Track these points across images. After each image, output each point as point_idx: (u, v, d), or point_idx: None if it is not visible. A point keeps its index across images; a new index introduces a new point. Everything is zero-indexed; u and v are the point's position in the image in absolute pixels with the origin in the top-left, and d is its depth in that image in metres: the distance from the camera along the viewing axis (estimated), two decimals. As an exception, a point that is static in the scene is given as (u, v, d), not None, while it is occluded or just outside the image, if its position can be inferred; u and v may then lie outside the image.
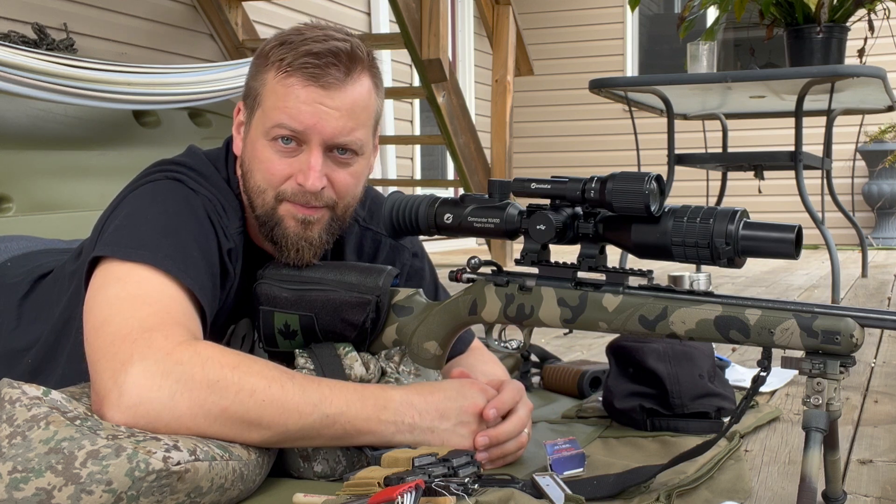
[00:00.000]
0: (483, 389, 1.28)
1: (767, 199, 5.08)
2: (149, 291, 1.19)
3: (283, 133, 1.29)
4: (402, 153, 6.65)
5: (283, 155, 1.31)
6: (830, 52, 3.74)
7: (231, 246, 1.33)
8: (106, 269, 1.22)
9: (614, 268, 1.20)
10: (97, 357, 1.13)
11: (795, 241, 1.07)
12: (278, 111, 1.29)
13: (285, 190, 1.31)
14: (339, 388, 1.19)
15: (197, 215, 1.30)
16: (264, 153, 1.32)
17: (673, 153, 3.65)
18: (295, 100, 1.28)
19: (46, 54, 2.98)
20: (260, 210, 1.34)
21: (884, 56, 4.67)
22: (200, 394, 1.10)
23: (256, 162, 1.33)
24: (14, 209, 2.89)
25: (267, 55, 1.32)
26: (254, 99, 1.34)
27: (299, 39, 1.31)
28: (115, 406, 1.09)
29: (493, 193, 1.25)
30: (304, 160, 1.31)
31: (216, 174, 1.38)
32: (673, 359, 1.50)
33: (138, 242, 1.23)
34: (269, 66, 1.31)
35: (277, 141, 1.30)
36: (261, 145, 1.32)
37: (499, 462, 1.27)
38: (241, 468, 1.10)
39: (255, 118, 1.33)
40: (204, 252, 1.27)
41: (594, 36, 8.07)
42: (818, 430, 1.04)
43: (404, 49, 4.23)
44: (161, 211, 1.28)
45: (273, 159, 1.31)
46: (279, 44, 1.32)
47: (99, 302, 1.19)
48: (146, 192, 1.32)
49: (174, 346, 1.13)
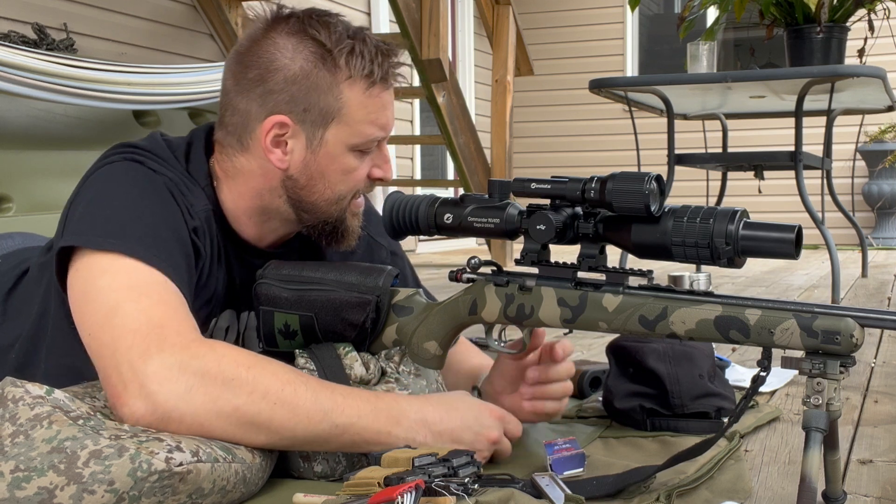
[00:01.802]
0: (501, 417, 1.27)
1: (767, 199, 5.08)
2: (140, 281, 1.17)
3: (376, 143, 1.33)
4: (402, 153, 6.65)
5: (363, 158, 1.33)
6: (830, 52, 3.74)
7: (196, 224, 1.29)
8: (86, 261, 1.20)
9: (614, 268, 1.20)
10: (109, 351, 1.12)
11: (795, 241, 1.07)
12: (371, 125, 1.31)
13: (360, 186, 1.35)
14: (352, 398, 1.17)
15: (160, 195, 1.27)
16: (350, 164, 1.32)
17: (673, 153, 3.65)
18: (382, 109, 1.31)
19: (46, 54, 2.98)
20: (333, 216, 1.35)
21: (884, 56, 4.67)
22: (215, 390, 1.10)
23: (339, 174, 1.32)
24: (14, 209, 2.89)
25: (336, 66, 1.28)
26: (323, 115, 1.29)
27: (362, 45, 1.30)
28: (137, 395, 1.08)
29: (493, 193, 1.25)
30: (379, 156, 1.35)
31: (174, 160, 1.33)
32: (673, 359, 1.50)
33: (109, 230, 1.20)
34: (350, 80, 1.28)
35: (364, 150, 1.32)
36: (346, 158, 1.32)
37: None
38: (243, 471, 1.10)
39: (330, 133, 1.30)
40: (174, 232, 1.25)
41: (594, 36, 8.07)
42: (818, 430, 1.04)
43: (404, 49, 4.23)
44: (125, 193, 1.25)
45: (358, 167, 1.33)
46: (349, 53, 1.28)
47: (92, 296, 1.17)
48: (106, 175, 1.28)
49: (189, 342, 1.13)
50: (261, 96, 1.30)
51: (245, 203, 1.36)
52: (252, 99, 1.31)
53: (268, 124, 1.30)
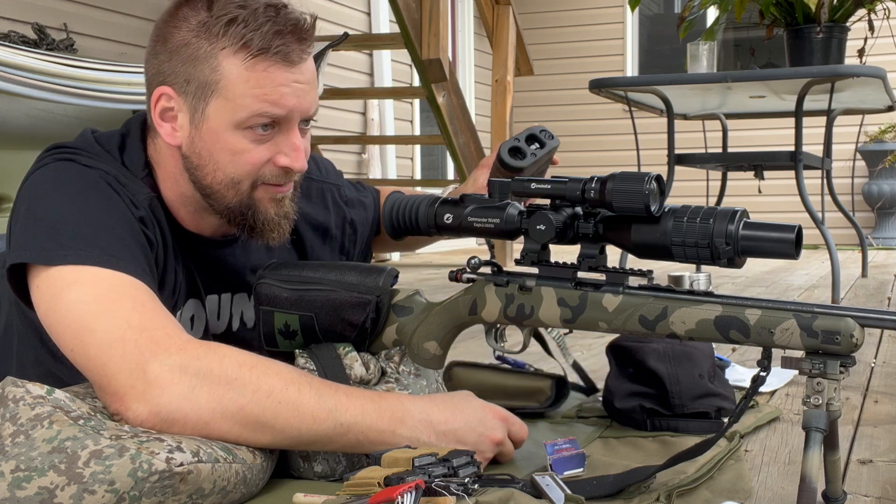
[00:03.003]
0: (505, 419, 1.27)
1: (767, 199, 5.08)
2: (108, 288, 1.14)
3: (265, 121, 1.22)
4: (402, 153, 6.65)
5: (260, 142, 1.23)
6: (830, 52, 3.74)
7: (143, 213, 1.24)
8: (44, 278, 1.15)
9: (614, 268, 1.20)
10: (100, 363, 1.10)
11: (795, 241, 1.07)
12: (255, 100, 1.20)
13: (264, 174, 1.25)
14: (356, 397, 1.17)
15: (100, 190, 1.22)
16: (237, 144, 1.23)
17: (673, 153, 3.65)
18: (272, 85, 1.20)
19: (46, 54, 2.98)
20: (233, 201, 1.26)
21: (884, 56, 4.67)
22: (219, 389, 1.09)
23: (227, 154, 1.24)
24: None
25: (214, 36, 1.20)
26: (202, 87, 1.22)
27: (250, 16, 1.20)
28: (139, 399, 1.07)
29: (493, 193, 1.25)
30: (283, 142, 1.24)
31: (106, 154, 1.28)
32: (673, 359, 1.50)
33: (60, 241, 1.16)
34: (225, 51, 1.20)
35: (254, 129, 1.22)
36: (231, 136, 1.23)
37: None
38: (244, 471, 1.10)
39: (211, 108, 1.22)
40: (124, 226, 1.21)
41: (594, 36, 8.07)
42: (818, 430, 1.04)
43: (404, 49, 4.23)
44: (64, 195, 1.20)
45: (249, 149, 1.23)
46: (228, 22, 1.20)
47: (63, 314, 1.13)
48: (40, 180, 1.23)
49: (185, 343, 1.12)
50: (154, 67, 1.26)
51: (173, 192, 1.31)
52: (148, 70, 1.27)
53: (155, 96, 1.26)
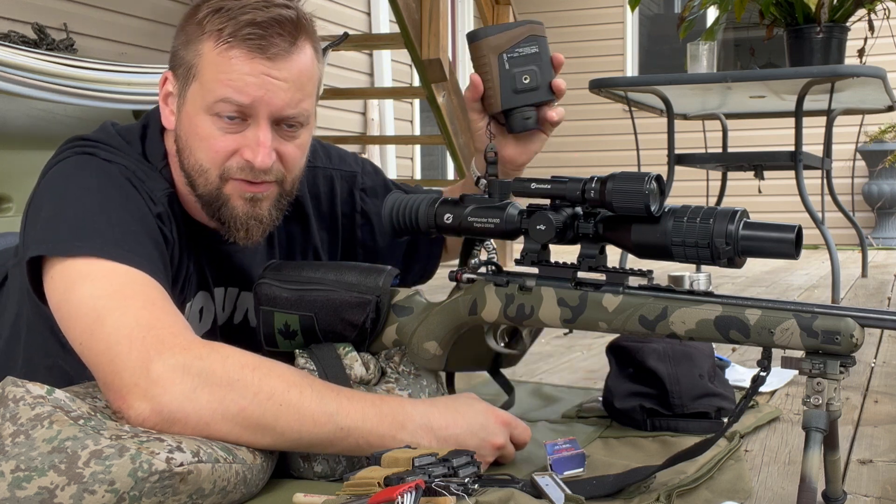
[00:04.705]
0: (507, 423, 1.27)
1: (767, 199, 5.08)
2: (121, 284, 1.15)
3: (228, 108, 1.23)
4: (402, 153, 6.65)
5: (227, 130, 1.24)
6: (830, 52, 3.74)
7: (160, 210, 1.26)
8: (59, 270, 1.17)
9: (614, 268, 1.20)
10: (107, 359, 1.11)
11: (795, 241, 1.07)
12: (221, 84, 1.22)
13: (230, 167, 1.25)
14: (357, 401, 1.16)
15: (120, 185, 1.24)
16: (206, 129, 1.24)
17: (673, 153, 3.65)
18: (239, 72, 1.21)
19: (46, 54, 2.98)
20: (203, 189, 1.27)
21: (884, 56, 4.67)
22: (221, 391, 1.09)
23: (196, 139, 1.25)
24: (14, 209, 2.90)
25: (201, 24, 1.24)
26: (187, 70, 1.26)
27: (237, 6, 1.23)
28: (141, 397, 1.07)
29: (493, 193, 1.25)
30: (251, 136, 1.24)
31: (127, 147, 1.30)
32: (673, 359, 1.50)
33: (77, 233, 1.17)
34: (205, 36, 1.23)
35: (221, 117, 1.23)
36: (201, 121, 1.24)
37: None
38: (244, 472, 1.10)
39: (190, 91, 1.26)
40: (142, 224, 1.22)
41: (594, 36, 8.08)
42: (818, 430, 1.04)
43: (404, 49, 4.23)
44: (84, 189, 1.22)
45: (216, 135, 1.24)
46: (214, 11, 1.23)
47: (76, 306, 1.14)
48: (61, 174, 1.25)
49: (190, 343, 1.12)
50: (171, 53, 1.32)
51: (179, 181, 1.31)
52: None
53: (161, 80, 1.31)
